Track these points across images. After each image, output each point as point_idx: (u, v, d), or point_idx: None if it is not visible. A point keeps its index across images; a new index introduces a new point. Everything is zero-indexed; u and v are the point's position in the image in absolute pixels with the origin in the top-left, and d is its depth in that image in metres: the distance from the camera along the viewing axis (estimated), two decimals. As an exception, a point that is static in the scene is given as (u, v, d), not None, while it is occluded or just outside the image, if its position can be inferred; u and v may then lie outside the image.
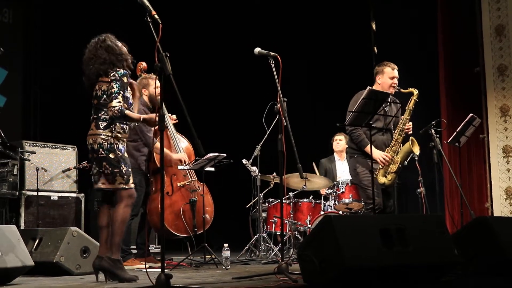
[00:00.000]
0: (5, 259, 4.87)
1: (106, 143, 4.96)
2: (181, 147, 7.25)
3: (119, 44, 5.14)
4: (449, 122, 8.62)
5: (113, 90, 4.93)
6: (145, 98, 6.99)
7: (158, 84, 6.04)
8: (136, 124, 5.39)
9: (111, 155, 4.96)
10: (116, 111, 4.89)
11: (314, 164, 9.04)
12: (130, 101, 5.08)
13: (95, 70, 5.03)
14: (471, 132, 7.43)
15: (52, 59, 10.08)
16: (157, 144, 6.45)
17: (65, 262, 5.56)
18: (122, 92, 4.94)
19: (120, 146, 5.02)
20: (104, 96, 5.00)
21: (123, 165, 4.99)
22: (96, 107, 5.05)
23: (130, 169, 5.06)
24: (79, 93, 5.51)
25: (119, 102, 4.91)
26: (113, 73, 4.97)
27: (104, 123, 4.98)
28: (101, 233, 5.09)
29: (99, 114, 5.01)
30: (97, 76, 5.03)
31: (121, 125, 5.02)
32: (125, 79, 4.98)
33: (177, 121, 7.31)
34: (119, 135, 5.01)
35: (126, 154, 5.07)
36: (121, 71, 4.99)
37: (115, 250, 4.99)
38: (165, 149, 6.95)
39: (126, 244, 6.88)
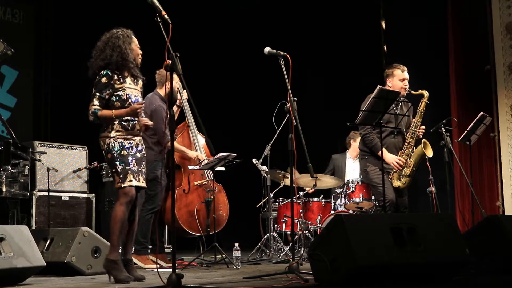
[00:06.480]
0: (17, 259, 4.88)
1: (105, 145, 5.03)
2: (200, 146, 7.21)
3: (131, 47, 5.10)
4: (459, 121, 8.61)
5: (91, 94, 5.01)
6: (162, 93, 6.93)
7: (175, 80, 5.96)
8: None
9: (108, 156, 5.03)
10: (90, 117, 4.99)
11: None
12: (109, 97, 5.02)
13: (95, 66, 5.05)
14: (482, 130, 7.41)
15: (63, 59, 10.10)
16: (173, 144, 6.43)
17: (77, 262, 5.56)
18: (98, 94, 4.99)
19: (118, 145, 4.99)
20: None
21: (118, 164, 4.98)
22: None
23: (129, 167, 4.99)
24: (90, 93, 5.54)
25: (93, 105, 4.97)
26: (98, 74, 5.02)
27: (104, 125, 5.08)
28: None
29: None
30: (93, 75, 5.07)
31: (122, 123, 5.02)
32: (103, 80, 4.99)
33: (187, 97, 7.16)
34: (118, 134, 5.01)
35: (127, 151, 5.01)
36: (104, 71, 5.00)
37: (112, 249, 4.97)
38: (182, 147, 6.97)
39: (144, 237, 6.81)
